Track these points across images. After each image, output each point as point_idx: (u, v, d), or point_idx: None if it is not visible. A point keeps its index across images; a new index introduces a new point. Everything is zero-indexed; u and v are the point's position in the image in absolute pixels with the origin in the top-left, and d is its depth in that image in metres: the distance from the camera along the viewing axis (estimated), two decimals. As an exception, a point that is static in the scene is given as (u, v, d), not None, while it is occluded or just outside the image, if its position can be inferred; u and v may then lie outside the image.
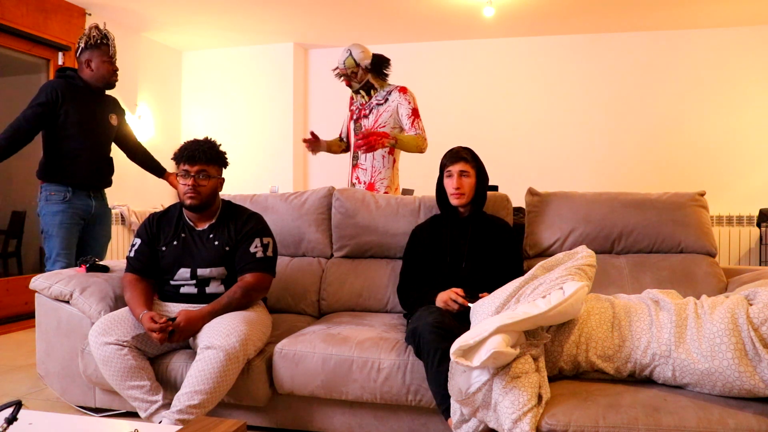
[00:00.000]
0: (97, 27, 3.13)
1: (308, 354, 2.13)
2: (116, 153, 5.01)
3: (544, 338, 1.75)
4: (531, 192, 2.74)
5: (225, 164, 2.42)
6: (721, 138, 5.31)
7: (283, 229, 2.86)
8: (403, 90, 3.21)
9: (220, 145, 2.41)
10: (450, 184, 2.40)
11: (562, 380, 1.81)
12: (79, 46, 3.11)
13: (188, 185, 2.31)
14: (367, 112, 3.25)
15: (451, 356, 1.61)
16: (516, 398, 1.57)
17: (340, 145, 3.50)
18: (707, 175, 5.25)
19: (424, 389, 2.03)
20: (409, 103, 3.16)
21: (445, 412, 1.87)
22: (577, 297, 1.70)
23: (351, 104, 3.41)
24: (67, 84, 3.08)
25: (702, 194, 2.63)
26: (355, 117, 3.33)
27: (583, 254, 1.93)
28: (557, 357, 1.80)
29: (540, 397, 1.62)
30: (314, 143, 3.34)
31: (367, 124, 3.25)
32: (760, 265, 4.90)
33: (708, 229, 2.58)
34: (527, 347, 1.68)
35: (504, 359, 1.59)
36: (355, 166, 3.31)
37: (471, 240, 2.39)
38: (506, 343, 1.58)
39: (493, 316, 1.70)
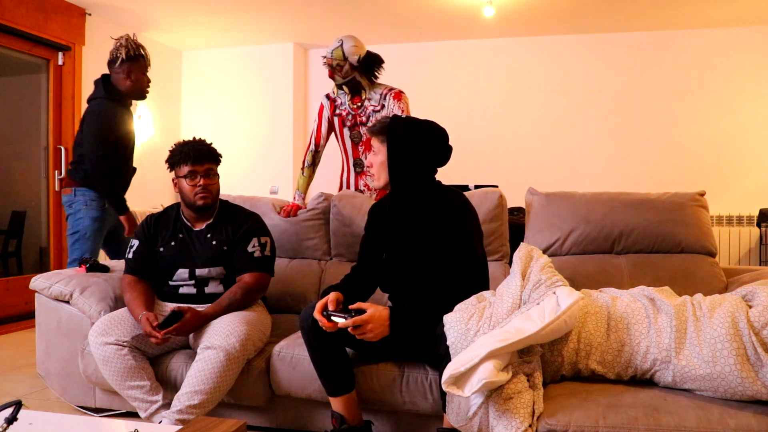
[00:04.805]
0: (128, 38, 3.16)
1: (306, 358, 2.09)
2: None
3: (537, 353, 1.72)
4: (531, 192, 2.74)
5: (220, 162, 2.44)
6: (721, 138, 5.31)
7: (281, 236, 2.84)
8: (397, 97, 3.08)
9: (211, 143, 2.44)
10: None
11: (562, 380, 1.81)
12: (117, 57, 3.11)
13: (199, 185, 2.32)
14: (365, 119, 3.10)
15: (443, 385, 1.56)
16: (509, 422, 1.55)
17: (311, 176, 3.23)
18: (707, 175, 5.24)
19: (421, 396, 2.03)
20: (402, 111, 3.05)
21: (332, 393, 2.00)
22: (571, 312, 1.67)
23: (333, 110, 3.17)
24: (115, 101, 3.15)
25: (702, 194, 2.63)
26: (348, 124, 3.15)
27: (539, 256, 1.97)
28: (559, 366, 1.79)
29: (534, 413, 1.60)
30: None
31: (367, 132, 3.15)
32: (760, 265, 4.90)
33: (708, 229, 2.57)
34: (520, 366, 1.64)
35: (496, 385, 1.56)
36: (361, 173, 3.18)
37: (393, 230, 2.09)
38: (497, 369, 1.53)
39: (485, 336, 1.64)
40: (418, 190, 2.07)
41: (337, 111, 3.19)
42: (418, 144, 2.05)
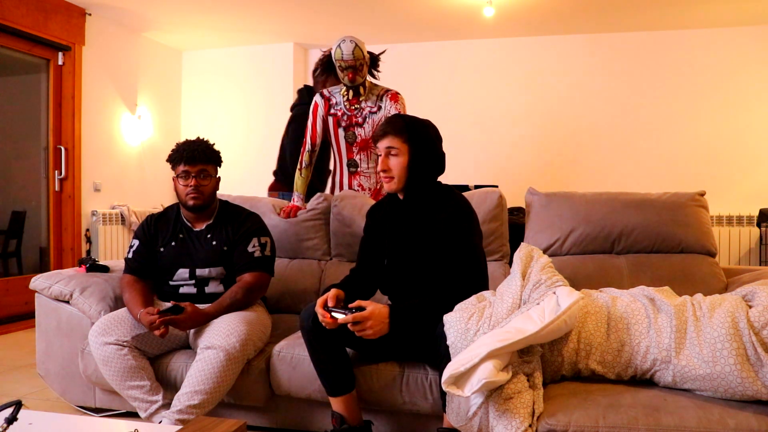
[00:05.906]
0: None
1: (306, 358, 2.09)
2: (113, 153, 5.08)
3: (537, 352, 1.72)
4: (531, 192, 2.74)
5: (221, 163, 2.43)
6: (721, 138, 5.30)
7: (281, 236, 2.84)
8: (394, 98, 3.04)
9: (213, 144, 2.43)
10: (378, 165, 2.05)
11: (562, 380, 1.81)
12: (317, 68, 3.37)
13: (190, 186, 2.32)
14: (361, 120, 3.06)
15: (443, 385, 1.56)
16: (509, 422, 1.54)
17: (309, 176, 3.18)
18: (707, 175, 5.24)
19: (421, 396, 2.04)
20: (399, 113, 2.98)
21: (332, 393, 2.00)
22: (571, 312, 1.67)
23: (327, 109, 3.11)
24: None
25: (702, 194, 2.63)
26: (344, 124, 3.09)
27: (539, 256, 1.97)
28: (558, 366, 1.79)
29: (534, 413, 1.60)
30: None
31: (362, 133, 3.08)
32: (760, 265, 4.90)
33: (708, 229, 2.57)
34: (520, 365, 1.64)
35: (496, 385, 1.56)
36: (355, 173, 3.15)
37: (396, 232, 2.09)
38: (497, 369, 1.53)
39: (485, 336, 1.64)
40: (427, 193, 2.07)
41: (332, 111, 3.13)
42: (436, 145, 2.08)
